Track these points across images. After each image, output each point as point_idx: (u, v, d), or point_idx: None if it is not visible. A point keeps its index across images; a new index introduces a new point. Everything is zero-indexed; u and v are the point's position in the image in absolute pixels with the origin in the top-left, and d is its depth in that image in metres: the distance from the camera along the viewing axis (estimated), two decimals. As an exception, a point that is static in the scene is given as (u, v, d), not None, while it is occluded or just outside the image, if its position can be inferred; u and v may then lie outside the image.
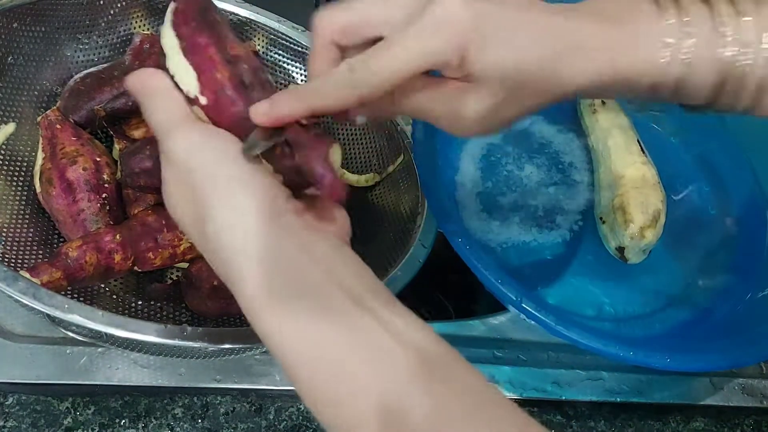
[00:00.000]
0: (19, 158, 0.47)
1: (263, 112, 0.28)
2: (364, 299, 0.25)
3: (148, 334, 0.36)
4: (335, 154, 0.28)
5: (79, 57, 0.52)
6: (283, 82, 0.60)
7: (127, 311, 0.45)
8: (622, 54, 0.28)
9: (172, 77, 0.31)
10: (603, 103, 0.61)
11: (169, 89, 0.30)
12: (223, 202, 0.27)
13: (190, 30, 0.31)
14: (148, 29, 0.56)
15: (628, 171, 0.56)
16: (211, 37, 0.31)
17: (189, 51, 0.31)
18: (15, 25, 0.47)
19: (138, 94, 0.31)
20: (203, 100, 0.30)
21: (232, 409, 0.47)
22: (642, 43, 0.28)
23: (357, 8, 0.29)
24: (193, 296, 0.45)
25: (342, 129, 0.58)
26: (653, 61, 0.28)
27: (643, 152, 0.58)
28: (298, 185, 0.29)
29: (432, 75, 0.29)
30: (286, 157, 0.28)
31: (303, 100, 0.28)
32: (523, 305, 0.44)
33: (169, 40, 0.31)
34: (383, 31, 0.28)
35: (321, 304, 0.25)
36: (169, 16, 0.32)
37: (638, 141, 0.59)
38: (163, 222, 0.43)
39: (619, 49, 0.28)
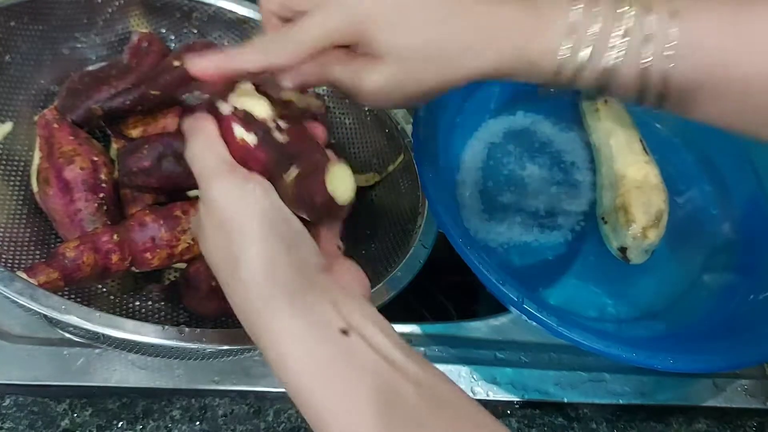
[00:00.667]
0: (16, 157, 0.47)
1: (196, 64, 0.32)
2: (391, 354, 0.27)
3: (145, 335, 0.36)
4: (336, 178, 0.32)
5: (76, 56, 0.52)
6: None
7: (124, 312, 0.45)
8: (527, 39, 0.30)
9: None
10: (605, 102, 0.61)
11: (214, 135, 0.32)
12: (261, 249, 0.28)
13: None
14: (146, 28, 0.55)
15: (631, 170, 0.56)
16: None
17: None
18: (12, 23, 0.47)
19: (187, 135, 0.33)
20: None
21: (230, 410, 0.47)
22: (548, 28, 0.30)
23: None
24: (191, 297, 0.44)
25: (342, 129, 0.58)
26: (556, 46, 0.30)
27: (646, 151, 0.57)
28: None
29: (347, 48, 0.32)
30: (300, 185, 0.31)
31: (229, 61, 0.32)
32: (525, 306, 0.43)
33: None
34: (309, 7, 0.31)
35: (348, 357, 0.27)
36: None
37: (641, 140, 0.58)
38: (161, 222, 0.43)
39: (525, 34, 0.30)
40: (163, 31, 0.57)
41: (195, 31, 0.57)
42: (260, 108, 0.33)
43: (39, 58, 0.49)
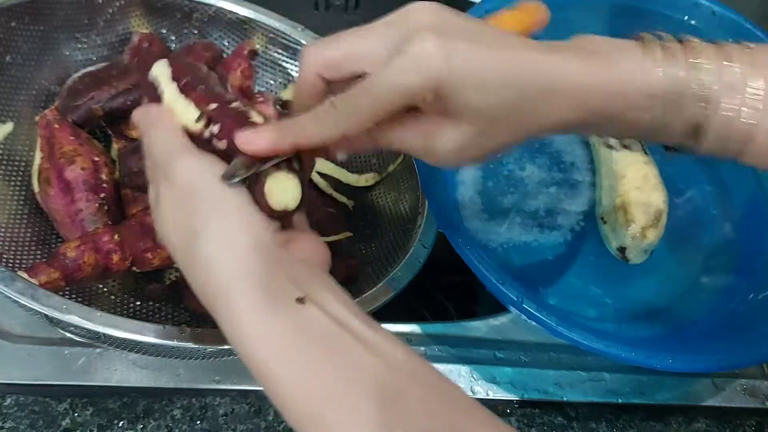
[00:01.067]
0: (17, 158, 0.47)
1: (247, 141, 0.29)
2: (348, 322, 0.27)
3: (146, 334, 0.36)
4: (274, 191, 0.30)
5: (77, 56, 0.52)
6: (282, 81, 0.59)
7: (125, 312, 0.45)
8: (602, 91, 0.29)
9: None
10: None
11: (170, 119, 0.32)
12: (220, 226, 0.28)
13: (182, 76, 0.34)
14: (146, 28, 0.56)
15: (630, 171, 0.56)
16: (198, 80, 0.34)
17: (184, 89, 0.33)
18: (13, 23, 0.47)
19: (141, 125, 0.33)
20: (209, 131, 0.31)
21: (231, 410, 0.47)
22: (624, 80, 0.29)
23: (341, 44, 0.29)
24: (191, 297, 0.44)
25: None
26: (633, 98, 0.29)
27: (645, 152, 0.57)
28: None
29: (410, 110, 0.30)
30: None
31: (287, 136, 0.29)
32: (524, 306, 0.44)
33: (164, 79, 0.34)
34: (366, 67, 0.29)
35: (305, 327, 0.27)
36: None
37: (640, 140, 0.58)
38: (162, 222, 0.43)
39: (599, 86, 0.29)
40: (164, 31, 0.57)
41: (195, 32, 0.57)
42: (188, 117, 0.32)
43: (40, 58, 0.49)
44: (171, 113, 0.32)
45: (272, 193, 0.29)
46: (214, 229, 0.28)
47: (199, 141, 0.31)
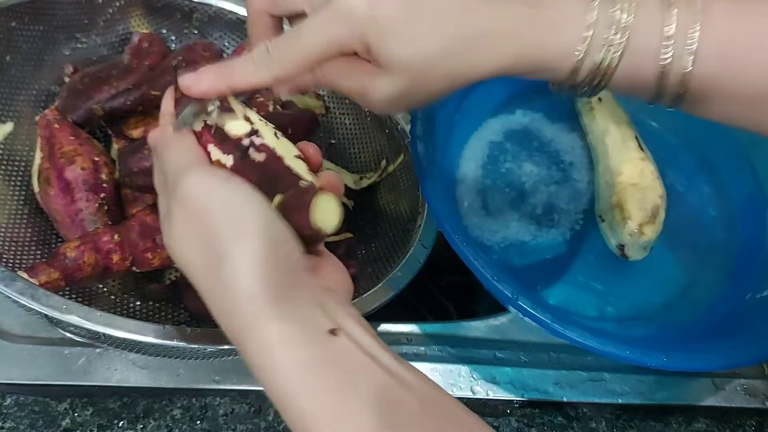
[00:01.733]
0: (17, 158, 0.47)
1: (188, 85, 0.30)
2: (379, 356, 0.26)
3: (146, 334, 0.36)
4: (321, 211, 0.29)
5: (77, 56, 0.52)
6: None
7: (125, 312, 0.45)
8: (536, 39, 0.28)
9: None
10: (599, 100, 0.61)
11: (181, 135, 0.31)
12: (245, 249, 0.27)
13: None
14: (146, 28, 0.56)
15: (626, 168, 0.56)
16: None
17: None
18: (13, 24, 0.47)
19: (157, 144, 0.32)
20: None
21: (231, 410, 0.47)
22: (562, 27, 0.28)
23: None
24: (191, 297, 0.44)
25: (342, 129, 0.58)
26: (571, 46, 0.28)
27: (641, 148, 0.57)
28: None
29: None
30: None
31: (224, 78, 0.30)
32: (520, 303, 0.43)
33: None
34: (303, 5, 0.30)
35: (338, 360, 0.26)
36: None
37: (636, 137, 0.58)
38: (162, 222, 0.43)
39: (534, 34, 0.28)
40: (164, 31, 0.57)
41: (195, 32, 0.57)
42: (234, 124, 0.31)
43: (40, 58, 0.49)
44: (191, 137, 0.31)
45: (318, 211, 0.29)
46: (239, 253, 0.27)
47: (230, 145, 0.31)
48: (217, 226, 0.27)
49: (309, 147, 0.34)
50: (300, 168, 0.32)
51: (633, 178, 0.55)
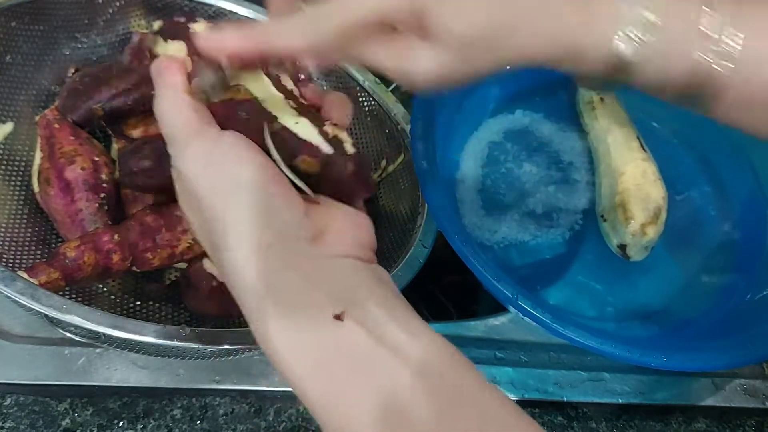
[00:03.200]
0: (17, 158, 0.47)
1: (209, 43, 0.27)
2: (387, 334, 0.25)
3: (146, 334, 0.36)
4: None
5: (77, 56, 0.52)
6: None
7: (125, 312, 0.45)
8: (578, 22, 0.28)
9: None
10: (602, 100, 0.61)
11: (181, 89, 0.28)
12: (238, 237, 0.26)
13: None
14: (146, 28, 0.55)
15: (629, 168, 0.56)
16: None
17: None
18: (13, 23, 0.47)
19: (155, 84, 0.29)
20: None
21: (231, 410, 0.47)
22: (603, 17, 0.28)
23: None
24: (191, 297, 0.44)
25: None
26: (608, 36, 0.28)
27: (643, 148, 0.57)
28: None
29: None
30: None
31: (253, 39, 0.27)
32: (520, 303, 0.43)
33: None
34: None
35: (341, 347, 0.24)
36: None
37: (638, 137, 0.58)
38: (162, 222, 0.43)
39: (576, 17, 0.28)
40: (164, 31, 0.57)
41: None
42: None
43: (40, 58, 0.49)
44: (181, 73, 0.28)
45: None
46: (232, 243, 0.26)
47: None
48: (211, 213, 0.26)
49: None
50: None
51: (635, 179, 0.55)
